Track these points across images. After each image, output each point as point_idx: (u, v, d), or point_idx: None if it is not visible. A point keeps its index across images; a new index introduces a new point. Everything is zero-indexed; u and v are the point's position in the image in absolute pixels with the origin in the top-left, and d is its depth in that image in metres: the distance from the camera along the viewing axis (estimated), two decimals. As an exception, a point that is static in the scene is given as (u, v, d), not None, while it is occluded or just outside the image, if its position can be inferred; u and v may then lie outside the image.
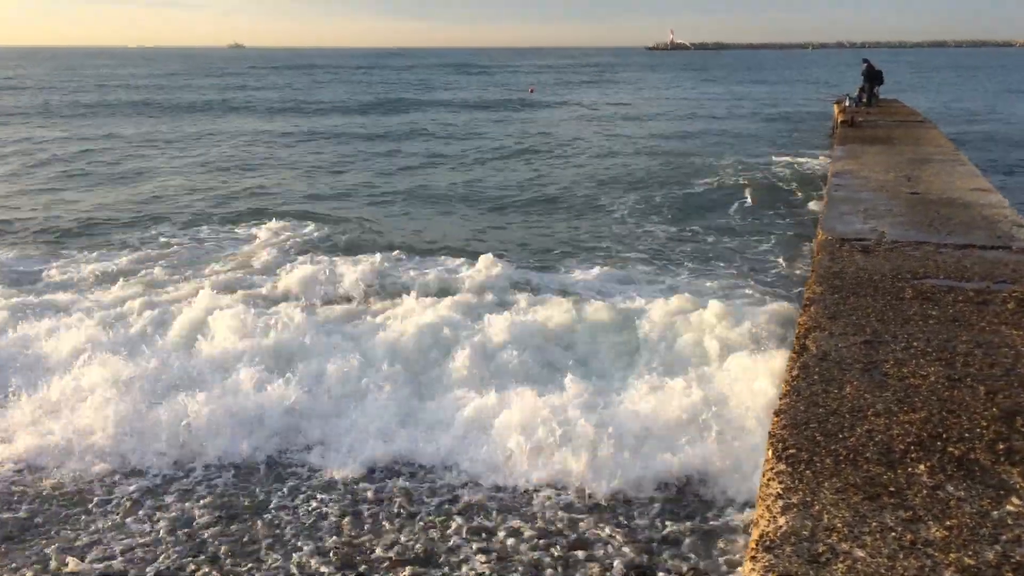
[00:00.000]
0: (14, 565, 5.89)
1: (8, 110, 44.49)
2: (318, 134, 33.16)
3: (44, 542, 6.21)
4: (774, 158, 25.31)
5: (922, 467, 3.99)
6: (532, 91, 67.09)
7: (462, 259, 13.37)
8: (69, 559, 5.94)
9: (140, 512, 6.63)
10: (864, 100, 29.11)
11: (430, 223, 17.04)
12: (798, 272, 12.74)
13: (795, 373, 5.22)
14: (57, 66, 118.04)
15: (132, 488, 7.01)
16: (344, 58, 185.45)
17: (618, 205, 18.51)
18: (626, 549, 6.04)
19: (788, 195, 19.36)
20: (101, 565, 5.91)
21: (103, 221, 16.99)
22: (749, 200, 18.87)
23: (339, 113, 43.20)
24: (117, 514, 6.61)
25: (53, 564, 5.91)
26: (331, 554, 6.03)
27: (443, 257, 13.71)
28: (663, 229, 16.07)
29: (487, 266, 12.46)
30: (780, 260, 13.63)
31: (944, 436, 4.31)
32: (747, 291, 11.86)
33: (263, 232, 15.68)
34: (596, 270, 12.99)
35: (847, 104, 28.72)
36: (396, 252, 13.89)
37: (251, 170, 24.03)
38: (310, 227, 16.13)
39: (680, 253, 14.33)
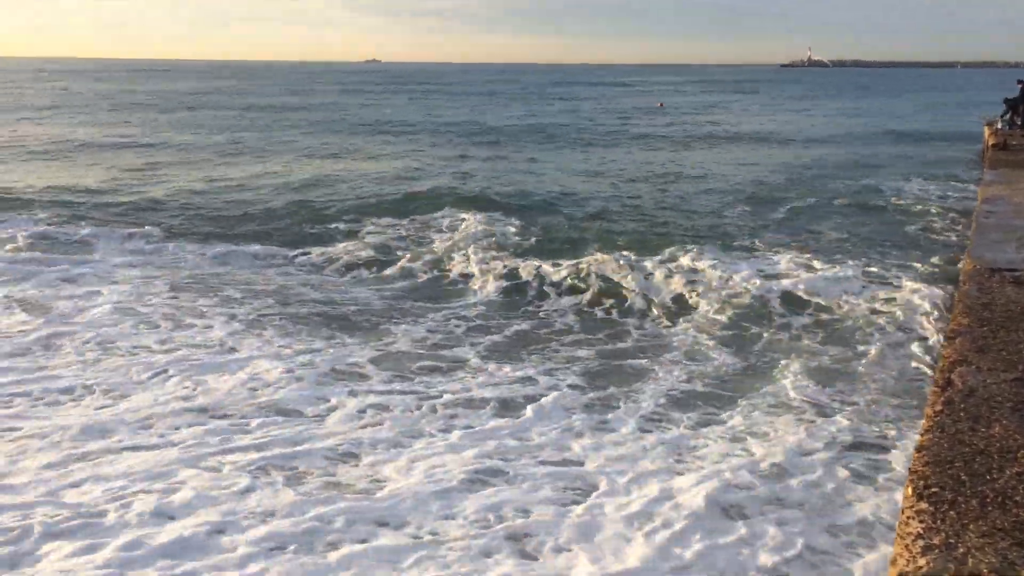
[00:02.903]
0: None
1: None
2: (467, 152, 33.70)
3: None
4: (917, 181, 24.27)
5: (1079, 516, 3.75)
6: (661, 105, 66.74)
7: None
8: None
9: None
10: (1019, 122, 27.54)
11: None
12: (941, 302, 12.14)
13: (939, 408, 5.01)
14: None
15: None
16: (476, 73, 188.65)
17: (746, 224, 18.16)
18: None
19: (931, 220, 18.53)
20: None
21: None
22: (889, 224, 18.16)
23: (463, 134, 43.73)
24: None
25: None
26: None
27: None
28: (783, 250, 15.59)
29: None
30: (921, 287, 13.00)
31: (1105, 484, 4.04)
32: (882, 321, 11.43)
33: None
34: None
35: (999, 126, 27.24)
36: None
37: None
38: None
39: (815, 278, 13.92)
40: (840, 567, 5.92)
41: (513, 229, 17.38)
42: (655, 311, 12.14)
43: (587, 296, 12.81)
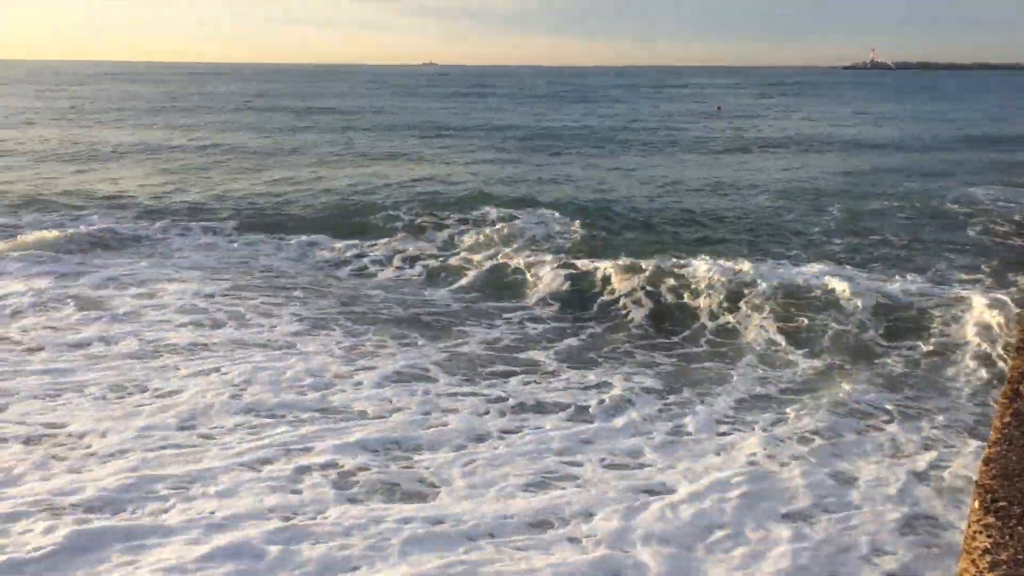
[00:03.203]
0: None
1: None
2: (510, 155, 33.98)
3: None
4: (984, 187, 23.71)
5: None
6: (719, 109, 66.15)
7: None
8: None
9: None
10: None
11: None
12: (1008, 311, 11.88)
13: (1007, 420, 4.97)
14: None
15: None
16: (531, 76, 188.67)
17: (807, 228, 17.97)
18: None
19: (997, 226, 18.12)
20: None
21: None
22: (954, 231, 17.81)
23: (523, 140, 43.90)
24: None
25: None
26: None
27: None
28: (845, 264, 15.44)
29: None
30: (987, 296, 12.74)
31: None
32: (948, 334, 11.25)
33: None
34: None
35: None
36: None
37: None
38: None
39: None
40: (907, 570, 5.91)
41: (575, 230, 17.49)
42: (722, 314, 12.11)
43: (657, 298, 12.80)
